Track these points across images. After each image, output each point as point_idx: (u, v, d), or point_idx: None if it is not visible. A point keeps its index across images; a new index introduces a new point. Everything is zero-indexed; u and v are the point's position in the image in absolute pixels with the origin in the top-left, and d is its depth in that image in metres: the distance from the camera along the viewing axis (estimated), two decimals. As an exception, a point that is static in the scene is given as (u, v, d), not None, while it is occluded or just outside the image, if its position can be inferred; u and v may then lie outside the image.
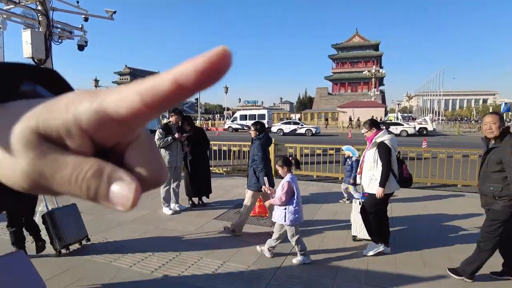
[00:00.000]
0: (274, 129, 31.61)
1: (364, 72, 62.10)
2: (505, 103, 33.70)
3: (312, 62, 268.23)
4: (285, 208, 3.78)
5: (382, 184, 3.92)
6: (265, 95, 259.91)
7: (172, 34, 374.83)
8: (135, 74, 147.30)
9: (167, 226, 4.99)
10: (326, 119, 45.75)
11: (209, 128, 39.47)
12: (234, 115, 38.45)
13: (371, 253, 4.03)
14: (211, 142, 7.53)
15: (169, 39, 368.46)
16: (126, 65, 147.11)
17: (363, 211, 4.15)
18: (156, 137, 5.54)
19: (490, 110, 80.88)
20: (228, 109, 69.66)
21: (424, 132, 27.75)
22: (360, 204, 4.37)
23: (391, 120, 34.30)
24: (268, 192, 4.12)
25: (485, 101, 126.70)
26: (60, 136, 0.22)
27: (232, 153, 9.64)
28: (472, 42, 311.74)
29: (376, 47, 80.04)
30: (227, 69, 0.20)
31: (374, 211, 4.07)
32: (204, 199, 6.32)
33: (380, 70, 68.73)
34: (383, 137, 4.04)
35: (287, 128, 30.24)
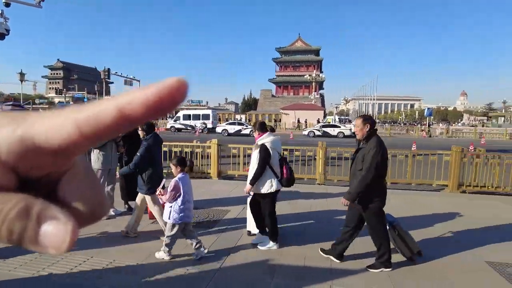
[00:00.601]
0: (219, 129, 31.45)
1: (305, 76, 64.63)
2: (428, 108, 37.60)
3: (258, 64, 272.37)
4: (171, 206, 3.81)
5: (252, 181, 4.22)
6: (210, 95, 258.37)
7: (113, 31, 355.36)
8: (69, 69, 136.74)
9: (102, 232, 4.67)
10: (276, 121, 47.09)
11: (150, 128, 37.92)
12: (177, 115, 37.28)
13: (263, 248, 4.22)
14: (150, 142, 7.22)
15: (111, 36, 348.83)
16: (58, 59, 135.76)
17: (251, 207, 4.44)
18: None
19: (416, 114, 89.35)
20: (171, 108, 67.57)
21: (360, 134, 29.64)
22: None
23: (329, 122, 36.11)
24: (157, 193, 4.05)
25: (412, 105, 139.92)
26: None
27: (173, 154, 9.37)
28: (403, 54, 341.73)
29: (317, 52, 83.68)
30: (180, 102, 0.18)
31: (269, 209, 4.29)
32: (143, 201, 6.04)
33: (320, 75, 72.22)
34: (265, 139, 4.29)
35: (232, 129, 30.33)
